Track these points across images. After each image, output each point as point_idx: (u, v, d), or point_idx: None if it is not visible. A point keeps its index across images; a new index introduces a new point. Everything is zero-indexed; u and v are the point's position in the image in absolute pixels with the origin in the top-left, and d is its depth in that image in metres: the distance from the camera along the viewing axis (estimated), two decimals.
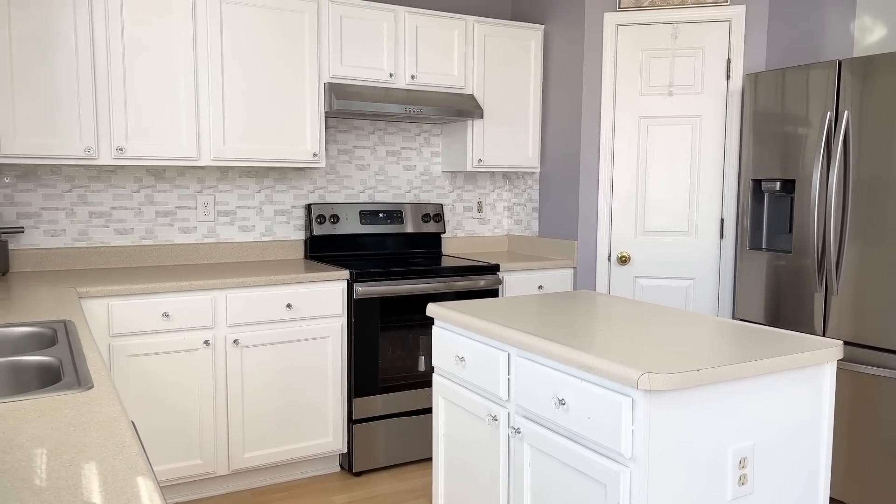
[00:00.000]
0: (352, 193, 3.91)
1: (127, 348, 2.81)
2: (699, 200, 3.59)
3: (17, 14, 2.79)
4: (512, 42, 3.89)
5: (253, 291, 3.04)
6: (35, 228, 3.19)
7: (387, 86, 3.56)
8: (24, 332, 1.96)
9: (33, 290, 2.65)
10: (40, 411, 1.28)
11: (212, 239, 3.56)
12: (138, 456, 1.08)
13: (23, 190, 3.16)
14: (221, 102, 3.19)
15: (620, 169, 3.69)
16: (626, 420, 1.57)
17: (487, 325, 2.04)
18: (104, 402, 1.33)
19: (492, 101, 3.86)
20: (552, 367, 1.81)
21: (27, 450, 1.10)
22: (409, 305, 3.37)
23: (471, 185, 4.26)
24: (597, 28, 3.67)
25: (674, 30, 3.55)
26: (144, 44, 3.02)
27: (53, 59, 2.87)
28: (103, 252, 3.31)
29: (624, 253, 3.71)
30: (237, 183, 3.60)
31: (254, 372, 3.08)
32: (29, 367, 1.66)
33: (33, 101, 2.85)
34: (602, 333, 1.91)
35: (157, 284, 2.84)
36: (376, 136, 3.95)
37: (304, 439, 3.22)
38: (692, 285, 3.63)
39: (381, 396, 3.34)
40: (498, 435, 2.03)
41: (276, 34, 3.29)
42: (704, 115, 3.55)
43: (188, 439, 2.97)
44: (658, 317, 2.16)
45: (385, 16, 3.52)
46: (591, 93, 3.71)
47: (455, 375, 2.24)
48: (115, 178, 3.34)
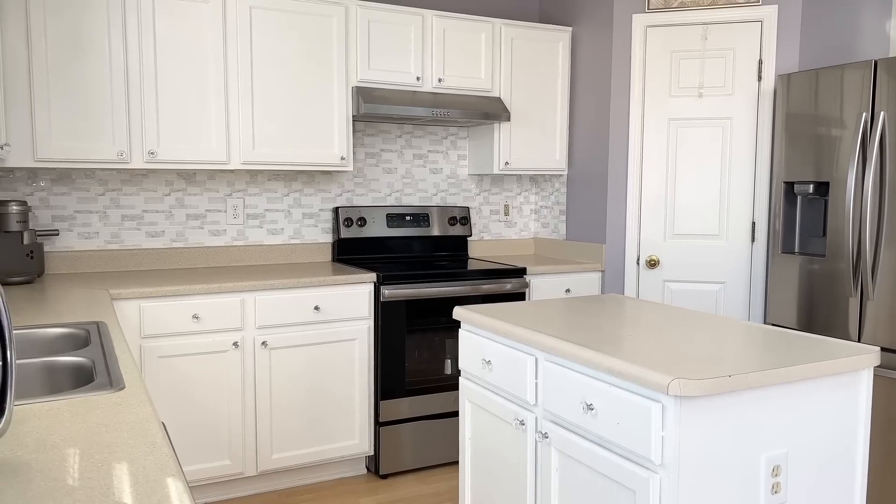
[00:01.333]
0: (379, 196, 3.92)
1: (158, 349, 2.84)
2: (730, 203, 3.54)
3: (52, 21, 2.85)
4: (539, 44, 3.87)
5: (281, 294, 3.06)
6: (69, 231, 3.25)
7: (414, 89, 3.57)
8: (59, 332, 1.99)
9: (67, 292, 2.70)
10: (73, 411, 1.30)
11: (241, 242, 3.60)
12: (168, 457, 1.09)
13: (57, 193, 3.23)
14: (251, 107, 3.22)
15: (649, 171, 3.65)
16: (655, 426, 1.55)
17: (515, 328, 2.03)
18: (135, 403, 1.35)
19: (519, 103, 3.85)
20: (580, 371, 1.79)
21: (60, 449, 1.12)
22: (436, 308, 3.37)
23: (497, 187, 4.24)
24: (625, 29, 3.64)
25: (704, 31, 3.51)
26: (175, 49, 3.06)
27: (87, 65, 2.92)
28: (135, 254, 3.36)
29: (653, 256, 3.67)
30: (266, 186, 3.64)
31: (282, 374, 3.10)
32: (63, 367, 1.69)
33: (68, 106, 2.91)
34: (631, 338, 1.89)
35: (188, 286, 2.88)
36: (403, 140, 3.96)
37: (331, 441, 3.24)
38: (722, 289, 3.58)
39: (408, 399, 3.34)
40: (525, 439, 2.02)
41: (305, 39, 3.31)
42: (735, 116, 3.50)
43: (217, 440, 3.00)
44: (688, 321, 2.13)
45: (412, 19, 3.53)
46: (619, 94, 3.68)
47: (482, 379, 2.23)
48: (147, 181, 3.39)
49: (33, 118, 2.85)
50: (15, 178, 3.15)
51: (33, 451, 1.11)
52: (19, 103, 2.83)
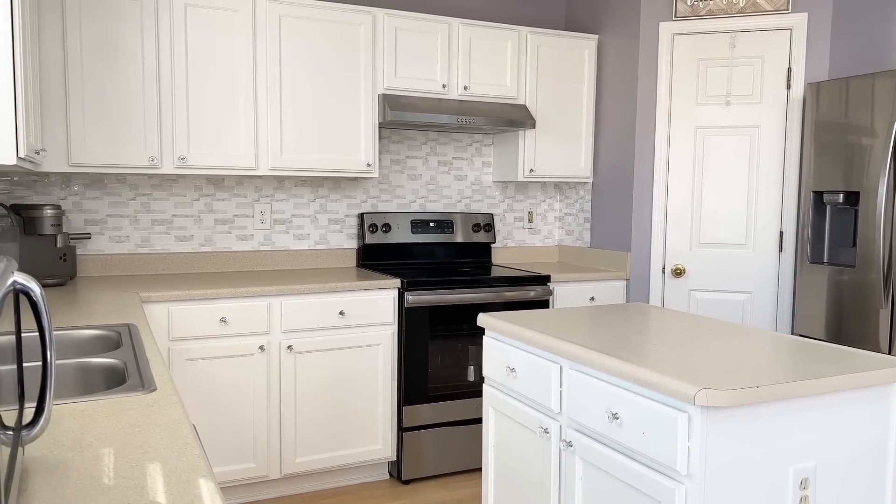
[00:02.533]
0: (403, 203, 3.94)
1: (185, 352, 2.89)
2: (757, 212, 3.51)
3: (87, 28, 2.92)
4: (565, 52, 3.88)
5: (307, 298, 3.09)
6: (101, 235, 3.32)
7: (440, 97, 3.59)
8: (91, 334, 2.04)
9: (99, 294, 2.75)
10: (107, 412, 1.33)
11: (268, 247, 3.64)
12: (200, 458, 1.11)
13: (90, 198, 3.29)
14: (279, 113, 3.26)
15: (675, 179, 3.63)
16: (682, 436, 1.54)
17: (539, 336, 2.03)
18: (167, 405, 1.38)
19: (544, 111, 3.85)
20: (606, 380, 1.79)
21: (95, 449, 1.14)
22: (459, 315, 3.37)
23: (521, 195, 4.25)
24: (652, 37, 3.63)
25: (732, 38, 3.49)
26: (206, 57, 3.12)
27: (120, 72, 2.98)
28: (164, 258, 3.42)
29: (678, 265, 3.64)
30: (293, 192, 3.68)
31: (306, 378, 3.13)
32: (96, 368, 1.72)
33: (101, 113, 2.97)
34: (657, 347, 1.88)
35: (215, 290, 2.92)
36: (428, 147, 3.98)
37: (354, 446, 3.25)
38: (749, 299, 3.54)
39: (430, 405, 3.35)
40: (549, 447, 2.02)
41: (333, 47, 3.35)
42: (763, 125, 3.47)
43: (242, 442, 3.03)
44: (714, 331, 2.12)
45: (439, 28, 3.55)
46: (645, 102, 3.66)
47: (506, 386, 2.23)
48: (177, 186, 3.44)
49: (68, 124, 2.92)
50: (50, 182, 3.22)
51: (69, 449, 1.14)
52: (55, 109, 2.90)
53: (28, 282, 0.97)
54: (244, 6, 3.16)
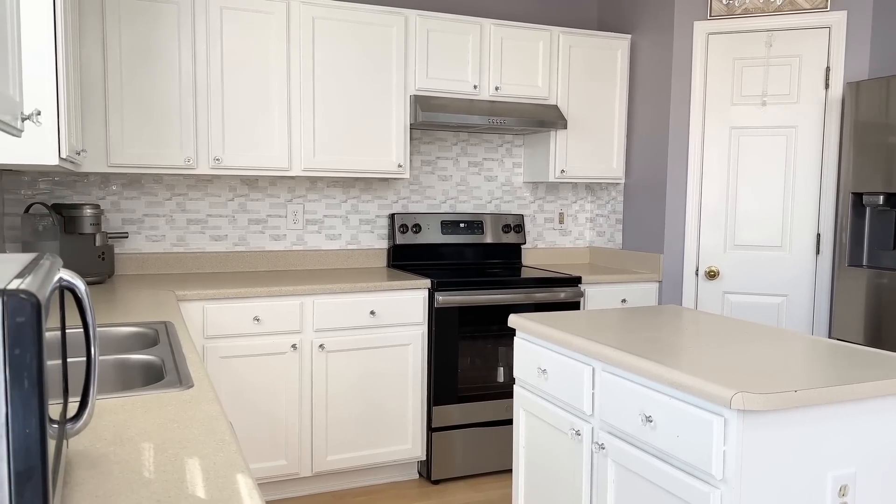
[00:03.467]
0: (434, 204, 3.95)
1: (219, 350, 2.93)
2: (794, 214, 3.45)
3: (126, 32, 2.98)
4: (597, 52, 3.85)
5: (338, 298, 3.12)
6: (138, 234, 3.38)
7: (471, 97, 3.59)
8: (130, 331, 2.08)
9: (136, 292, 2.80)
10: (146, 407, 1.36)
11: (300, 246, 3.68)
12: (237, 454, 1.13)
13: (128, 197, 3.36)
14: (312, 115, 3.30)
15: (709, 180, 3.58)
16: (717, 440, 1.52)
17: (571, 338, 2.02)
18: (204, 401, 1.40)
19: (576, 111, 3.83)
20: (639, 382, 1.77)
21: (136, 443, 1.17)
22: (488, 315, 3.37)
23: (552, 195, 4.23)
24: (686, 37, 3.59)
25: (768, 37, 3.43)
26: (241, 58, 3.16)
27: (157, 75, 3.04)
28: (199, 257, 3.47)
29: (712, 267, 3.60)
30: (325, 192, 3.71)
31: (338, 377, 3.15)
32: (134, 364, 1.76)
33: (139, 114, 3.03)
34: (691, 350, 1.86)
35: (249, 289, 2.95)
36: (459, 148, 3.99)
37: (384, 445, 3.27)
38: (785, 302, 3.48)
39: (460, 406, 3.35)
40: (581, 450, 2.00)
41: (365, 48, 3.37)
42: (800, 125, 3.41)
43: (274, 440, 3.06)
44: (750, 334, 2.09)
45: (471, 28, 3.56)
46: (679, 102, 3.62)
47: (537, 388, 2.22)
48: (212, 186, 3.50)
49: (107, 126, 2.98)
50: (89, 182, 3.29)
51: (111, 443, 1.16)
52: (95, 112, 2.96)
53: (73, 279, 0.99)
54: (278, 9, 3.20)
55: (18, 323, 0.69)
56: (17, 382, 0.70)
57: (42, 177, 3.22)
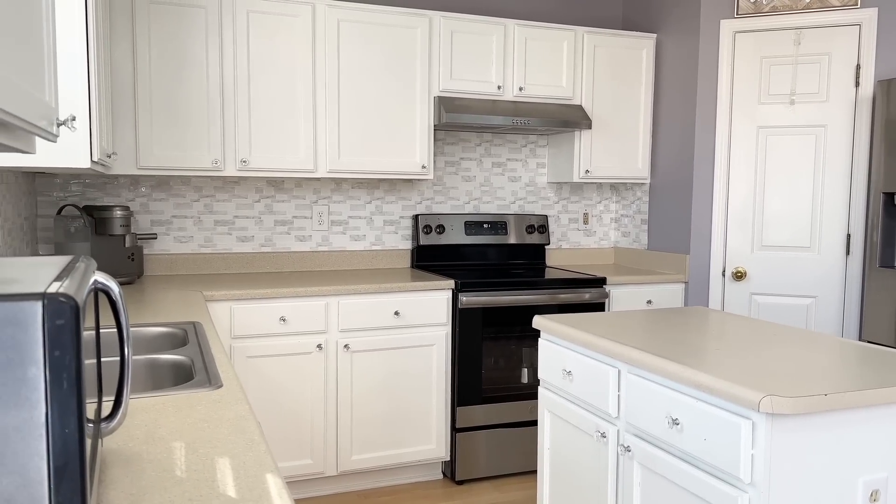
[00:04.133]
0: (457, 204, 3.96)
1: (246, 350, 2.96)
2: (823, 214, 3.40)
3: (155, 37, 3.03)
4: (622, 52, 3.83)
5: (363, 299, 3.14)
6: (166, 235, 3.43)
7: (495, 98, 3.59)
8: (159, 332, 2.11)
9: (165, 293, 2.85)
10: (177, 407, 1.38)
11: (325, 247, 3.71)
12: (266, 453, 1.14)
13: (156, 199, 3.41)
14: (337, 117, 3.32)
15: (736, 180, 3.55)
16: (745, 444, 1.51)
17: (597, 339, 2.02)
18: (233, 401, 1.42)
19: (600, 111, 3.81)
20: (666, 385, 1.76)
21: (167, 442, 1.19)
22: (512, 316, 3.37)
23: (577, 196, 4.21)
24: (713, 35, 3.55)
25: (797, 35, 3.39)
26: (267, 62, 3.20)
27: (186, 78, 3.08)
28: (226, 258, 3.52)
29: (739, 268, 3.56)
30: (350, 194, 3.74)
31: (362, 377, 3.17)
32: (164, 364, 1.79)
33: (168, 117, 3.07)
34: (718, 352, 1.84)
35: (275, 290, 2.99)
36: (482, 148, 3.99)
37: (409, 445, 3.28)
38: (814, 304, 3.44)
39: (484, 406, 3.35)
40: (606, 452, 2.00)
41: (390, 50, 3.39)
42: (830, 124, 3.36)
43: (300, 439, 3.09)
44: (778, 336, 2.06)
45: (495, 29, 3.56)
46: (705, 102, 3.59)
47: (562, 389, 2.22)
48: (238, 188, 3.54)
49: (137, 129, 3.03)
50: (119, 184, 3.35)
51: (143, 442, 1.19)
52: (124, 115, 3.01)
53: (108, 281, 1.01)
54: (304, 12, 3.23)
55: (58, 325, 0.71)
56: (56, 383, 0.72)
57: (73, 179, 3.28)
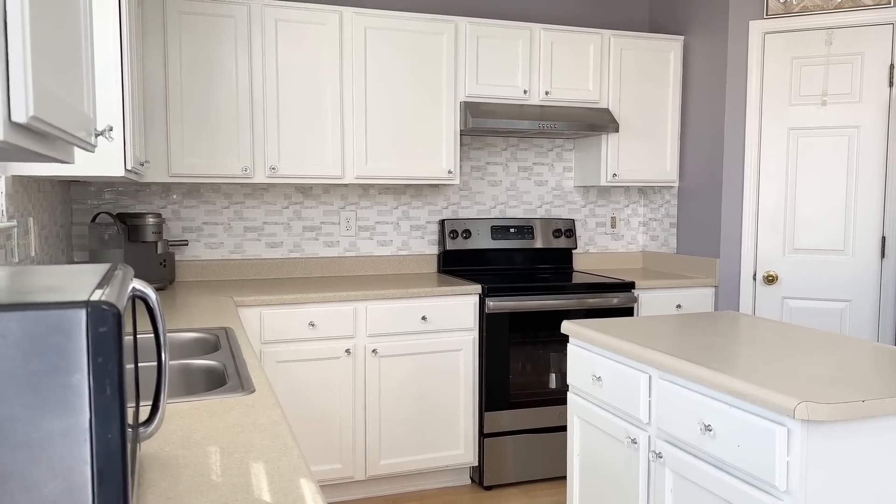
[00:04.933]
0: (483, 209, 3.96)
1: (276, 354, 2.99)
2: (856, 217, 3.34)
3: (186, 46, 3.08)
4: (649, 54, 3.80)
5: (391, 303, 3.15)
6: (197, 241, 3.48)
7: (521, 102, 3.59)
8: (192, 337, 2.14)
9: (196, 299, 2.89)
10: (211, 412, 1.40)
11: (353, 253, 3.73)
12: (300, 458, 1.15)
13: (187, 206, 3.46)
14: (364, 123, 3.35)
15: (767, 183, 3.50)
16: (780, 451, 1.49)
17: (627, 345, 2.00)
18: (266, 406, 1.44)
19: (627, 114, 3.79)
20: (698, 391, 1.75)
21: (202, 447, 1.21)
22: (540, 321, 3.36)
23: (604, 199, 4.19)
24: (741, 37, 3.51)
25: (828, 35, 3.34)
26: (295, 69, 3.23)
27: (216, 87, 3.13)
28: (255, 264, 3.56)
29: (771, 272, 3.51)
30: (377, 199, 3.76)
31: (390, 381, 3.19)
32: (197, 370, 1.82)
33: (198, 126, 3.12)
34: (750, 357, 1.82)
35: (304, 295, 3.01)
36: (508, 153, 3.99)
37: (437, 450, 3.29)
38: (848, 308, 3.37)
39: (512, 412, 3.34)
40: (637, 458, 1.98)
41: (416, 56, 3.41)
42: (863, 125, 3.30)
43: (329, 444, 3.11)
44: (812, 341, 2.03)
45: (520, 34, 3.56)
46: (734, 104, 3.55)
47: (591, 395, 2.21)
48: (268, 195, 3.58)
49: (168, 137, 3.08)
50: (151, 191, 3.41)
51: (179, 447, 1.21)
52: (157, 123, 3.07)
53: (145, 288, 1.03)
54: (331, 20, 3.26)
55: (101, 332, 0.73)
56: (99, 389, 0.73)
57: (107, 187, 3.34)
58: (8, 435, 0.71)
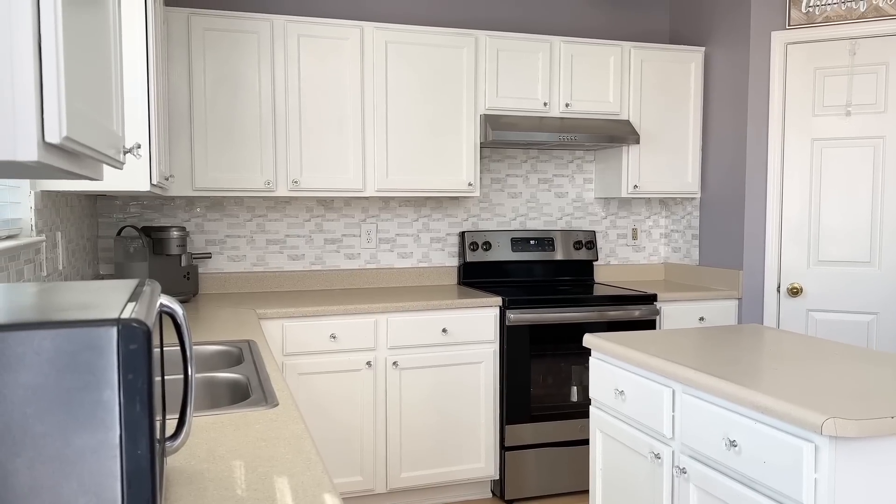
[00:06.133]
0: (503, 221, 3.96)
1: (298, 367, 3.01)
2: (883, 228, 3.29)
3: (210, 61, 3.13)
4: (670, 66, 3.79)
5: (411, 316, 3.16)
6: (220, 254, 3.52)
7: (541, 115, 3.59)
8: (215, 350, 2.16)
9: (219, 311, 2.91)
10: (235, 425, 1.41)
11: (374, 265, 3.75)
12: (324, 473, 1.16)
13: (211, 219, 3.50)
14: (385, 136, 3.37)
15: (790, 194, 3.46)
16: (808, 468, 1.47)
17: (650, 358, 1.99)
18: (289, 420, 1.44)
19: (648, 126, 3.78)
20: (722, 406, 1.73)
21: (227, 461, 1.22)
22: (561, 334, 3.34)
23: (625, 211, 4.17)
24: (763, 48, 3.49)
25: (852, 45, 3.31)
26: (317, 84, 3.26)
27: (239, 101, 3.17)
28: (277, 276, 3.58)
29: (795, 284, 3.46)
30: (397, 212, 3.77)
31: (411, 394, 3.19)
32: (221, 382, 1.83)
33: (222, 140, 3.16)
34: (776, 371, 1.80)
35: (326, 307, 3.03)
36: (528, 165, 3.99)
37: (458, 463, 3.28)
38: (875, 321, 3.32)
39: (533, 425, 3.33)
40: (661, 474, 1.96)
41: (436, 70, 3.43)
42: (888, 135, 3.26)
43: (350, 456, 3.11)
44: (838, 354, 2.00)
45: (540, 46, 3.57)
46: (757, 115, 3.53)
47: (614, 409, 2.19)
48: (290, 208, 3.61)
49: (192, 151, 3.13)
50: (175, 205, 3.45)
51: (204, 461, 1.22)
52: (181, 138, 3.11)
53: (172, 304, 1.05)
54: (353, 34, 3.30)
55: (132, 350, 0.74)
56: (129, 405, 0.75)
57: (132, 201, 3.39)
58: (41, 450, 0.73)
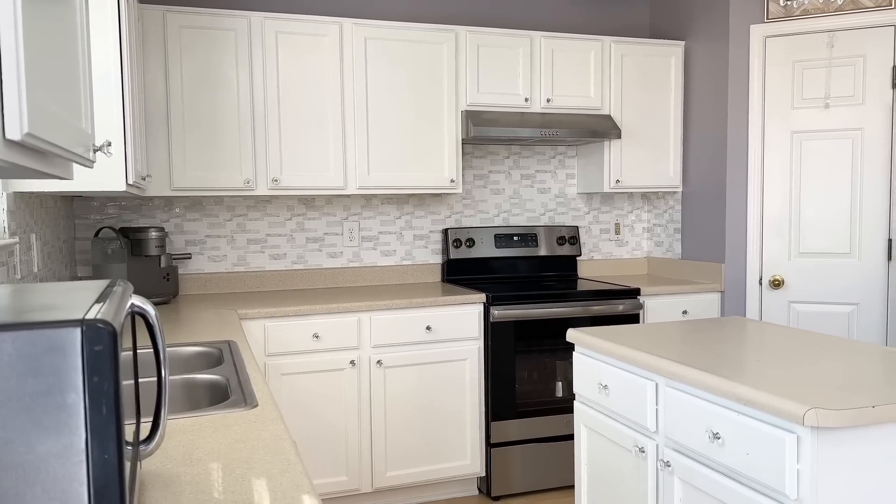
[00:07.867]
0: (487, 217, 3.95)
1: (280, 367, 2.98)
2: (862, 219, 3.31)
3: (187, 59, 3.08)
4: (650, 60, 3.80)
5: (395, 314, 3.14)
6: (200, 255, 3.48)
7: (522, 110, 3.58)
8: (195, 351, 2.13)
9: (200, 312, 2.88)
10: (213, 427, 1.39)
11: (356, 263, 3.72)
12: (303, 474, 1.14)
13: (190, 220, 3.46)
14: (366, 133, 3.34)
15: (771, 187, 3.48)
16: (790, 458, 1.47)
17: (633, 352, 1.99)
18: (269, 421, 1.42)
19: (630, 120, 3.78)
20: (705, 398, 1.73)
21: (204, 464, 1.19)
22: (545, 329, 3.34)
23: (608, 206, 4.17)
24: (742, 41, 3.50)
25: (830, 38, 3.33)
26: (296, 81, 3.23)
27: (217, 100, 3.13)
28: (259, 276, 3.55)
29: (777, 276, 3.48)
30: (379, 210, 3.75)
31: (396, 392, 3.17)
32: (200, 384, 1.80)
33: (200, 139, 3.12)
34: (758, 363, 1.80)
35: (308, 307, 3.00)
36: (511, 161, 3.98)
37: (444, 461, 3.26)
38: (855, 311, 3.35)
39: (518, 421, 3.32)
40: (645, 467, 1.96)
41: (417, 66, 3.41)
42: (867, 127, 3.29)
43: (335, 456, 3.09)
44: (820, 346, 2.01)
45: (521, 42, 3.56)
46: (737, 108, 3.54)
47: (598, 404, 2.19)
48: (270, 207, 3.58)
49: (170, 151, 3.08)
50: (154, 205, 3.41)
51: (181, 464, 1.19)
52: (158, 137, 3.07)
53: (144, 304, 1.02)
54: (331, 31, 3.27)
55: (96, 351, 0.72)
56: (95, 409, 0.72)
57: (110, 202, 3.34)
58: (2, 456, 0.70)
